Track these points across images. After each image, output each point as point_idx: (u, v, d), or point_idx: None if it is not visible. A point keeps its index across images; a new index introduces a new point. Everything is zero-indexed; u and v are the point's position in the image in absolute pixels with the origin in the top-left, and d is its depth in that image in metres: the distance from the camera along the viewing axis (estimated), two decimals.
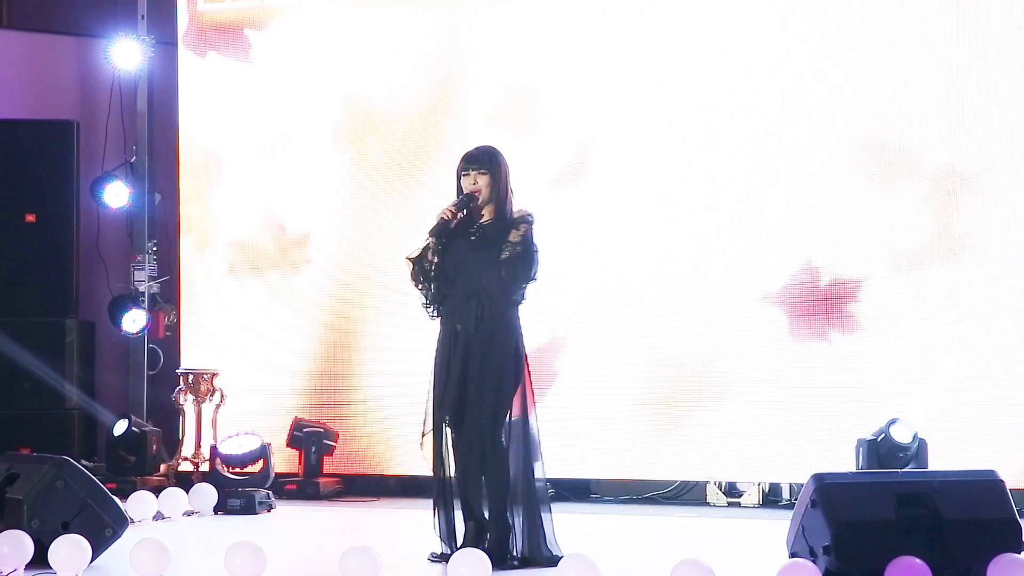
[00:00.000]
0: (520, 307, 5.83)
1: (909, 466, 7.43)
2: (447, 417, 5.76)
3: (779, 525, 5.84)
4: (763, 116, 8.31)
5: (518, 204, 5.88)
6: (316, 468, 8.73)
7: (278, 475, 8.48)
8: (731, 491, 8.50)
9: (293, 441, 8.75)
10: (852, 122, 8.16)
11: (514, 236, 5.74)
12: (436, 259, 5.81)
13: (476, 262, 5.76)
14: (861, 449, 7.65)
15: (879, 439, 7.57)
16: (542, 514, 5.79)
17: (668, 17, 8.53)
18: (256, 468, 8.18)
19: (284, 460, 8.79)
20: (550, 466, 7.50)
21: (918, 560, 4.75)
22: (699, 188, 8.42)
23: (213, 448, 8.34)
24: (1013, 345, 7.87)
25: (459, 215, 5.79)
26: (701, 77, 8.44)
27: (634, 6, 8.58)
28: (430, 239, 5.79)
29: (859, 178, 8.14)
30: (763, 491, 8.42)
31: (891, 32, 8.12)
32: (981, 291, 7.94)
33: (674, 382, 8.40)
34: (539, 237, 5.82)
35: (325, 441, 8.79)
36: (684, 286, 8.42)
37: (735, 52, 8.38)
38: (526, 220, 5.78)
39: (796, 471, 8.07)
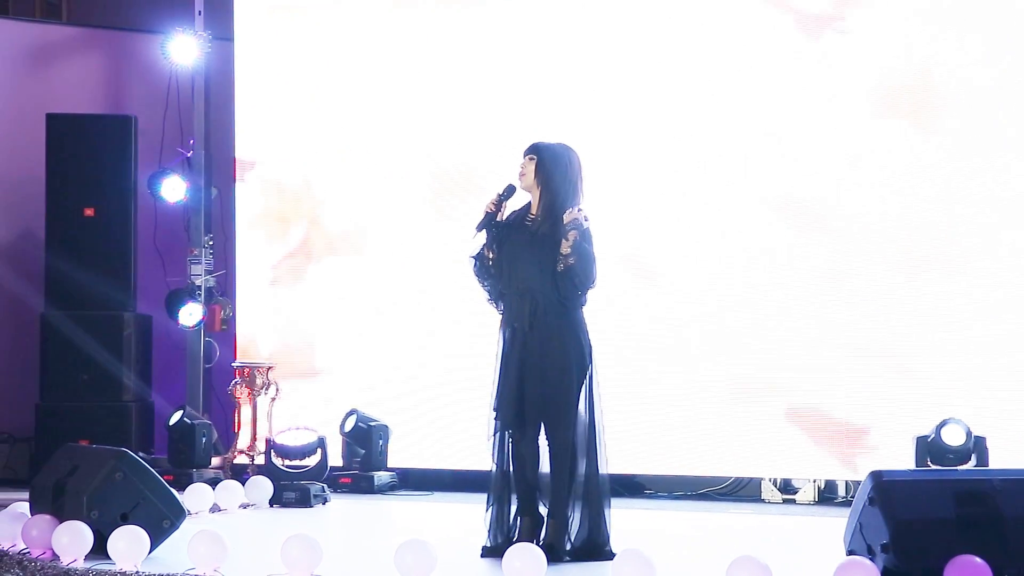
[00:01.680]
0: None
1: (969, 464, 7.37)
2: (507, 415, 5.75)
3: (835, 523, 5.81)
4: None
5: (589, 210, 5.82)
6: (382, 461, 8.75)
7: (335, 469, 8.53)
8: (786, 488, 8.45)
9: (358, 434, 8.76)
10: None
11: (564, 247, 5.69)
12: (492, 255, 5.82)
13: (528, 260, 5.75)
14: (917, 447, 7.61)
15: (930, 439, 7.51)
16: (604, 509, 5.78)
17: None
18: (311, 461, 8.22)
19: (337, 454, 8.83)
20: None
21: (978, 559, 4.70)
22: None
23: (268, 441, 8.38)
24: None
25: (503, 205, 5.79)
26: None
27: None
28: (476, 233, 5.81)
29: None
30: (819, 488, 8.36)
31: None
32: None
33: (729, 377, 8.37)
34: (596, 239, 5.77)
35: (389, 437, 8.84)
36: (740, 281, 8.39)
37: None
38: (575, 227, 5.69)
39: (852, 468, 8.03)
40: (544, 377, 5.71)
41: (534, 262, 5.74)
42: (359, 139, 9.26)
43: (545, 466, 5.78)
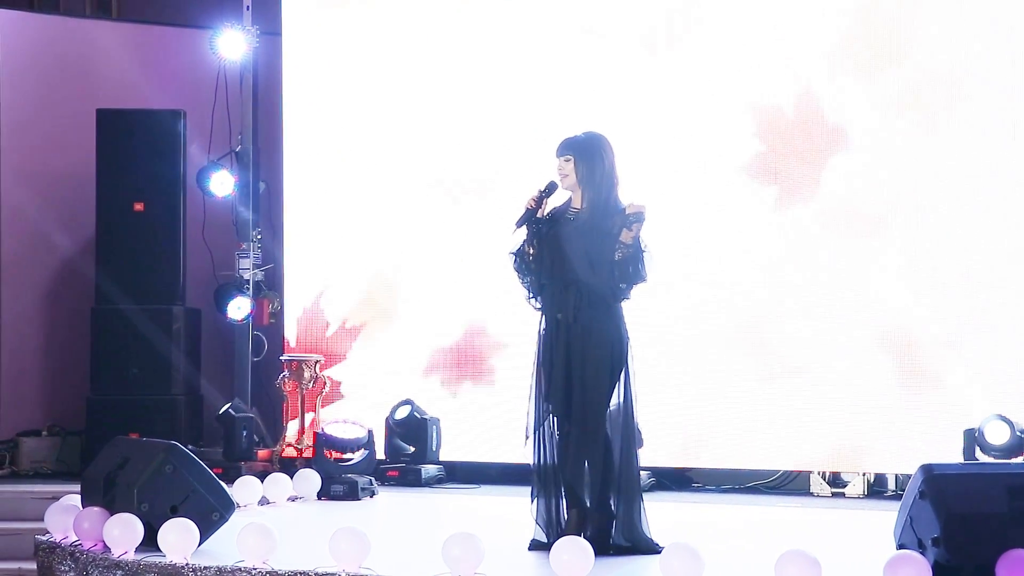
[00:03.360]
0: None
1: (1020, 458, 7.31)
2: (552, 407, 5.75)
3: (885, 516, 5.76)
4: None
5: (627, 195, 5.82)
6: (435, 454, 8.80)
7: (382, 462, 8.58)
8: (835, 481, 8.40)
9: (411, 423, 8.79)
10: None
11: (626, 236, 5.67)
12: (533, 250, 5.81)
13: (572, 252, 5.74)
14: (965, 440, 7.57)
15: (976, 435, 7.47)
16: (639, 503, 5.77)
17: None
18: (359, 455, 8.24)
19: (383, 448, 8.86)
20: (652, 455, 7.52)
21: None
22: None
23: (317, 434, 8.40)
24: None
25: (544, 202, 5.78)
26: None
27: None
28: (516, 229, 5.80)
29: None
30: (868, 481, 8.31)
31: None
32: None
33: (777, 371, 8.33)
34: (647, 233, 5.75)
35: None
36: (788, 275, 8.36)
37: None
38: (639, 219, 5.68)
39: (902, 461, 7.97)
40: (584, 369, 5.71)
41: (579, 255, 5.74)
42: (406, 133, 9.26)
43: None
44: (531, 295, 5.90)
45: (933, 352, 8.06)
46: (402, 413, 8.82)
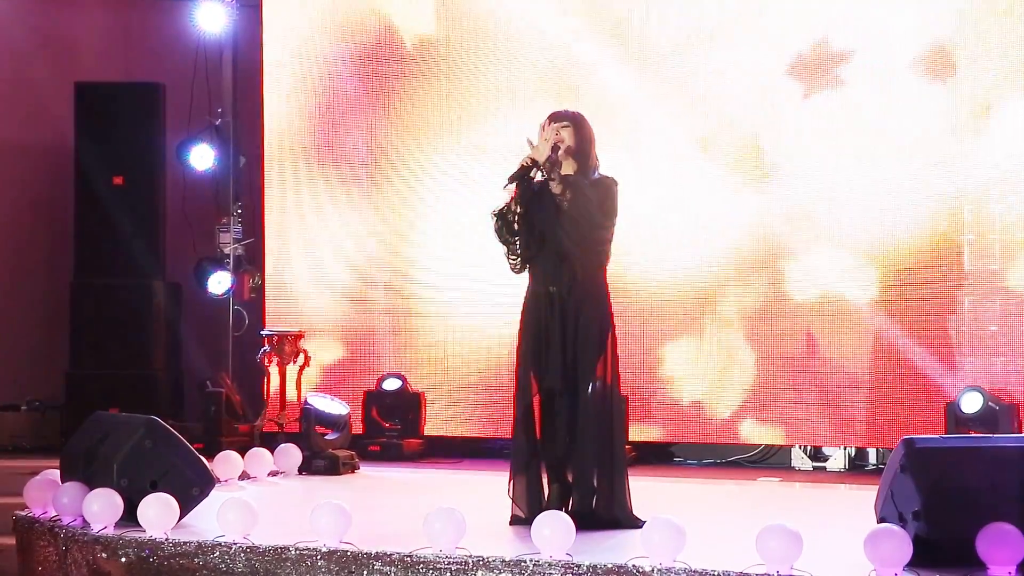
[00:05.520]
0: (607, 268, 5.81)
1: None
2: (546, 380, 5.74)
3: (866, 491, 5.77)
4: None
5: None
6: (420, 429, 8.82)
7: (361, 437, 8.56)
8: (816, 455, 8.42)
9: (404, 398, 8.80)
10: None
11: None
12: (520, 209, 5.76)
13: (565, 220, 5.71)
14: (947, 414, 7.60)
15: (955, 406, 7.54)
16: (621, 478, 5.78)
17: None
18: (339, 430, 8.23)
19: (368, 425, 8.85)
20: (634, 430, 7.51)
21: (1011, 527, 4.66)
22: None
23: (304, 409, 8.36)
24: None
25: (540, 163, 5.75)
26: None
27: None
28: (507, 184, 5.76)
29: None
30: (849, 455, 8.33)
31: None
32: None
33: (759, 344, 8.33)
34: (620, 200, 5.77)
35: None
36: (768, 250, 8.36)
37: None
38: (607, 185, 5.75)
39: (883, 435, 7.99)
40: (575, 345, 5.70)
41: (570, 222, 5.71)
42: (387, 105, 9.22)
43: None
44: (514, 258, 5.83)
45: (915, 326, 8.05)
46: (391, 386, 8.82)
